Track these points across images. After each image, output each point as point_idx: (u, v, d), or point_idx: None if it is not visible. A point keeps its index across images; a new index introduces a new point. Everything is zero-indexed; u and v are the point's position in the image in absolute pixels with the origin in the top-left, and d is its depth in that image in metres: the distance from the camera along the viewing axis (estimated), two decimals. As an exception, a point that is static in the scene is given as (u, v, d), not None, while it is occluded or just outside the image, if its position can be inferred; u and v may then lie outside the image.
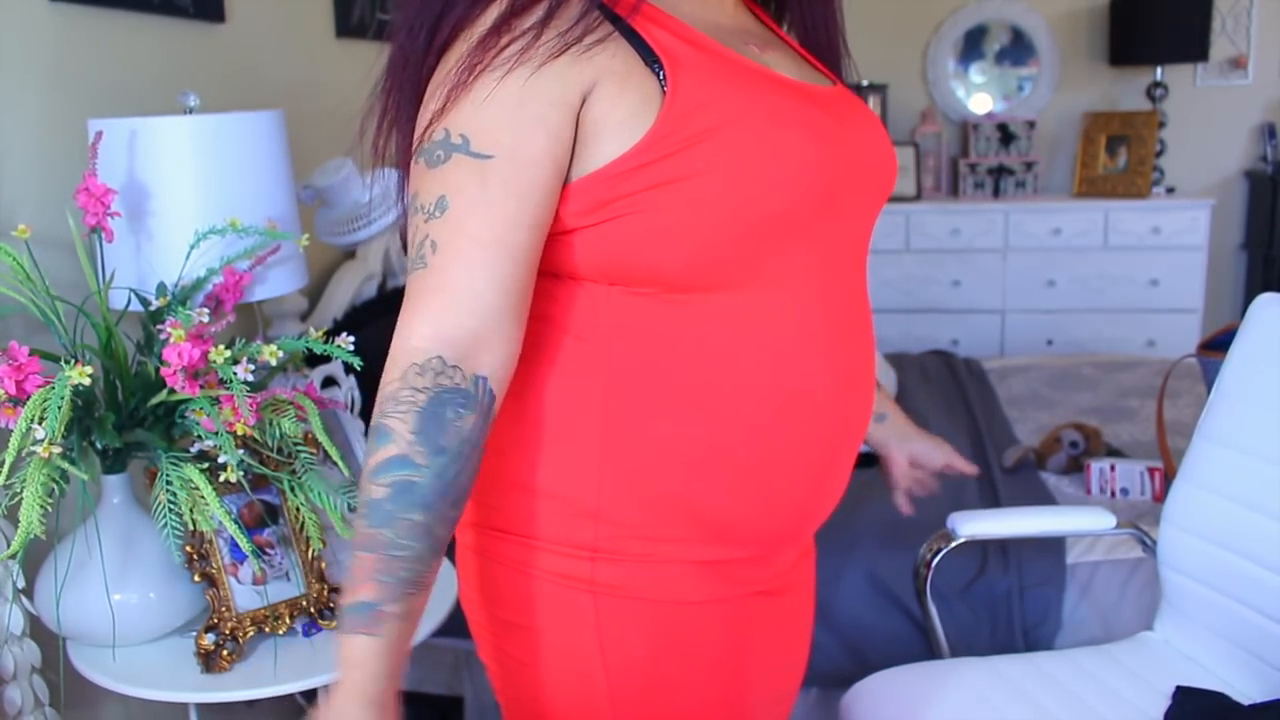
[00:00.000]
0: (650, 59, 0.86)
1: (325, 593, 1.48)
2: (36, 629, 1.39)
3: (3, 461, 1.15)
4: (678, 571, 0.95)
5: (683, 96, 0.85)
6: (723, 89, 0.87)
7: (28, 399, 1.19)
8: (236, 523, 1.30)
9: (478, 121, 0.84)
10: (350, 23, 2.44)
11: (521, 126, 0.84)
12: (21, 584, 1.36)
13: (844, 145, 0.94)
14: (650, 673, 0.96)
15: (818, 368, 0.95)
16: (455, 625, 1.59)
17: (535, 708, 1.00)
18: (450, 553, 1.03)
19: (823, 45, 1.08)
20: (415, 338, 0.83)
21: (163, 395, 1.29)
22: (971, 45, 4.39)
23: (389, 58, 0.93)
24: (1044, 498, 2.19)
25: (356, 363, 1.41)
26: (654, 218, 0.86)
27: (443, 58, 0.88)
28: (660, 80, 0.86)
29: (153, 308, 1.39)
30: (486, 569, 1.00)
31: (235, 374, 1.25)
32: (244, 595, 1.42)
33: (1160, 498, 2.17)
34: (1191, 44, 3.94)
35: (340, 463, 1.40)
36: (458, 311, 0.83)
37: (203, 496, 1.27)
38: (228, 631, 1.39)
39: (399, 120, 0.93)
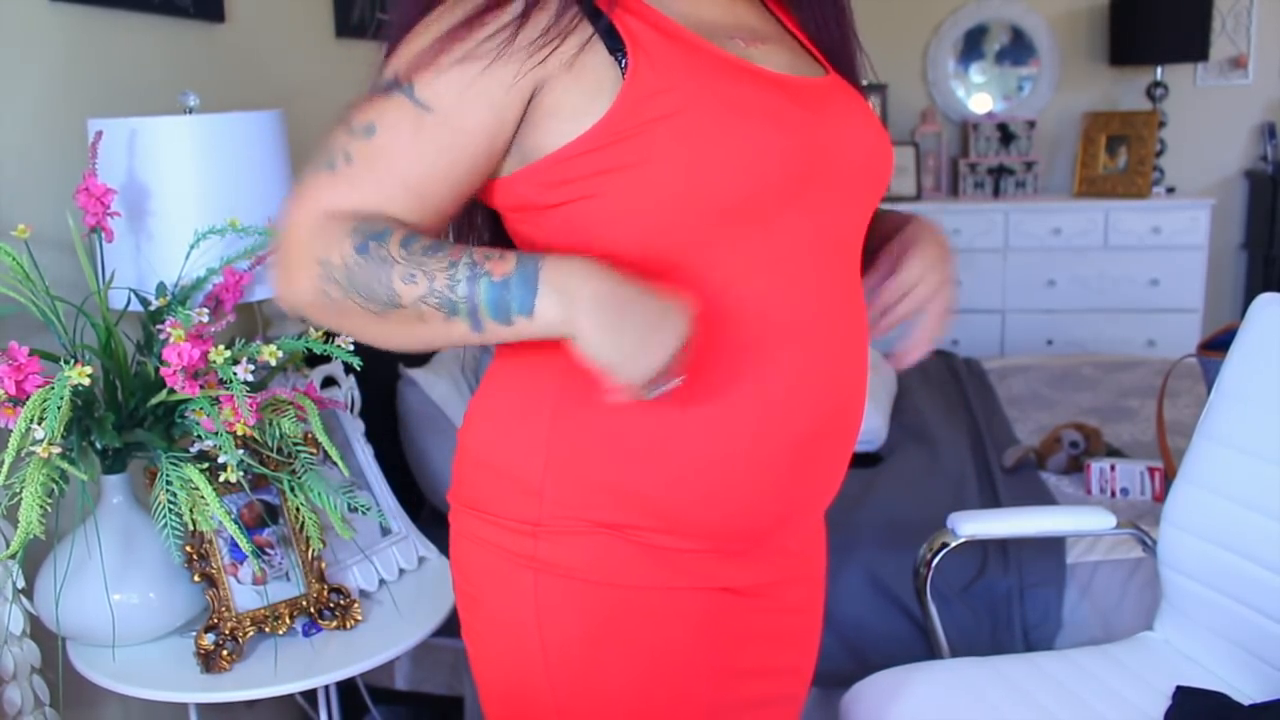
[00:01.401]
0: (615, 46, 0.88)
1: (325, 593, 1.48)
2: (36, 629, 1.39)
3: (2, 461, 1.15)
4: (619, 554, 0.95)
5: (640, 82, 0.87)
6: (683, 77, 0.88)
7: (27, 399, 1.19)
8: (236, 523, 1.30)
9: (428, 77, 0.86)
10: (350, 23, 2.44)
11: (468, 97, 0.86)
12: (21, 584, 1.36)
13: (816, 137, 0.93)
14: (586, 653, 0.97)
15: (777, 361, 0.93)
16: (454, 626, 1.60)
17: (486, 681, 1.04)
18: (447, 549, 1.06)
19: (835, 42, 1.08)
20: (310, 208, 0.87)
21: (162, 395, 1.29)
22: (971, 45, 4.39)
23: (391, 27, 0.95)
24: (1044, 498, 2.19)
25: (356, 363, 1.41)
26: (609, 201, 0.88)
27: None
28: (621, 67, 0.87)
29: (152, 308, 1.39)
30: (457, 543, 1.04)
31: (235, 374, 1.25)
32: (244, 595, 1.42)
33: (1160, 498, 2.17)
34: (1191, 44, 3.94)
35: (340, 463, 1.40)
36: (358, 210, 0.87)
37: (203, 496, 1.27)
38: (227, 631, 1.39)
39: None
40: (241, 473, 1.30)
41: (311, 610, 1.47)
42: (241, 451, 1.29)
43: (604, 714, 0.99)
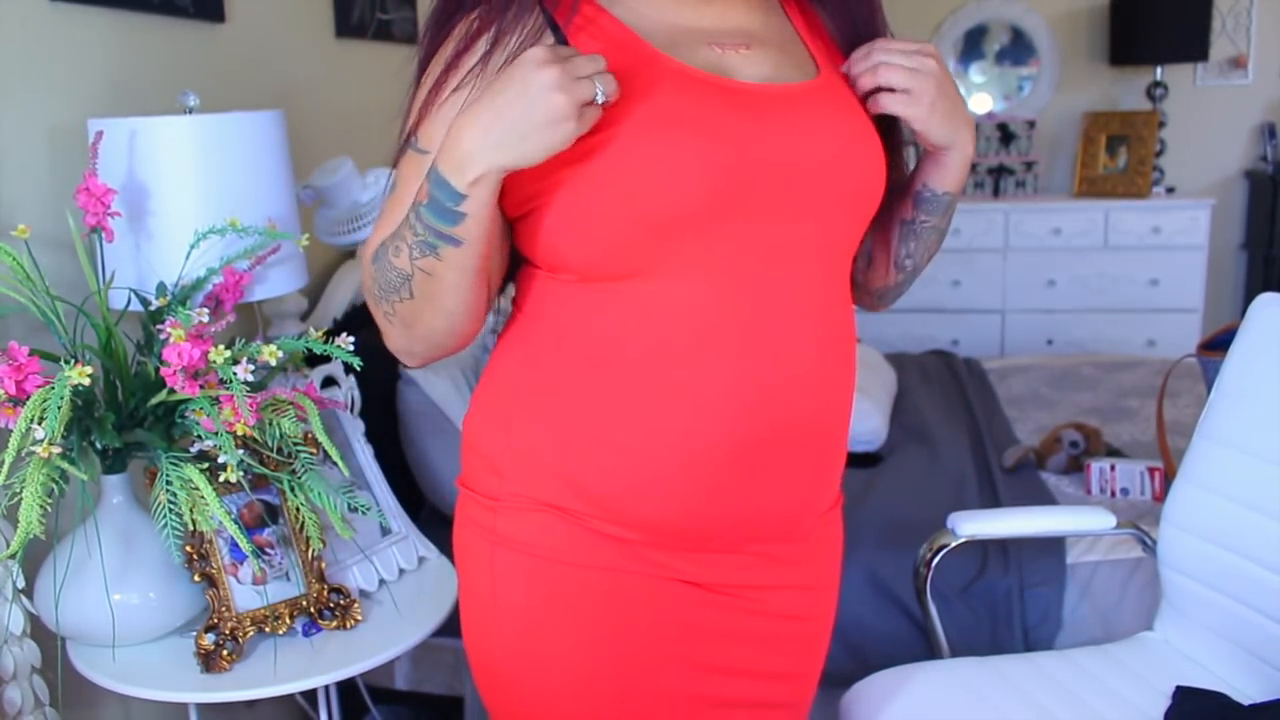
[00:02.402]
0: None
1: (325, 593, 1.48)
2: (36, 629, 1.39)
3: (2, 461, 1.15)
4: (566, 534, 1.00)
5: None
6: (629, 78, 0.91)
7: (27, 399, 1.19)
8: (236, 523, 1.30)
9: (424, 124, 0.98)
10: (350, 23, 2.44)
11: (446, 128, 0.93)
12: (21, 584, 1.36)
13: (756, 149, 0.93)
14: (529, 623, 1.02)
15: (714, 365, 0.95)
16: (455, 625, 1.60)
17: (467, 648, 1.10)
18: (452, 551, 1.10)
19: (864, 40, 1.05)
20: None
21: (163, 395, 1.29)
22: (971, 45, 4.39)
23: (418, 59, 1.03)
24: (1044, 498, 2.19)
25: (356, 363, 1.41)
26: (556, 209, 0.94)
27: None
28: None
29: (153, 308, 1.39)
30: (455, 521, 1.11)
31: (235, 374, 1.25)
32: (244, 595, 1.42)
33: (1160, 498, 2.17)
34: (1191, 44, 3.94)
35: (340, 463, 1.40)
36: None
37: (203, 496, 1.27)
38: (227, 631, 1.39)
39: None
40: (241, 473, 1.30)
41: (311, 610, 1.47)
42: (241, 451, 1.29)
43: (546, 682, 1.03)
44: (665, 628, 1.02)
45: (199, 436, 1.30)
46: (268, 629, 1.43)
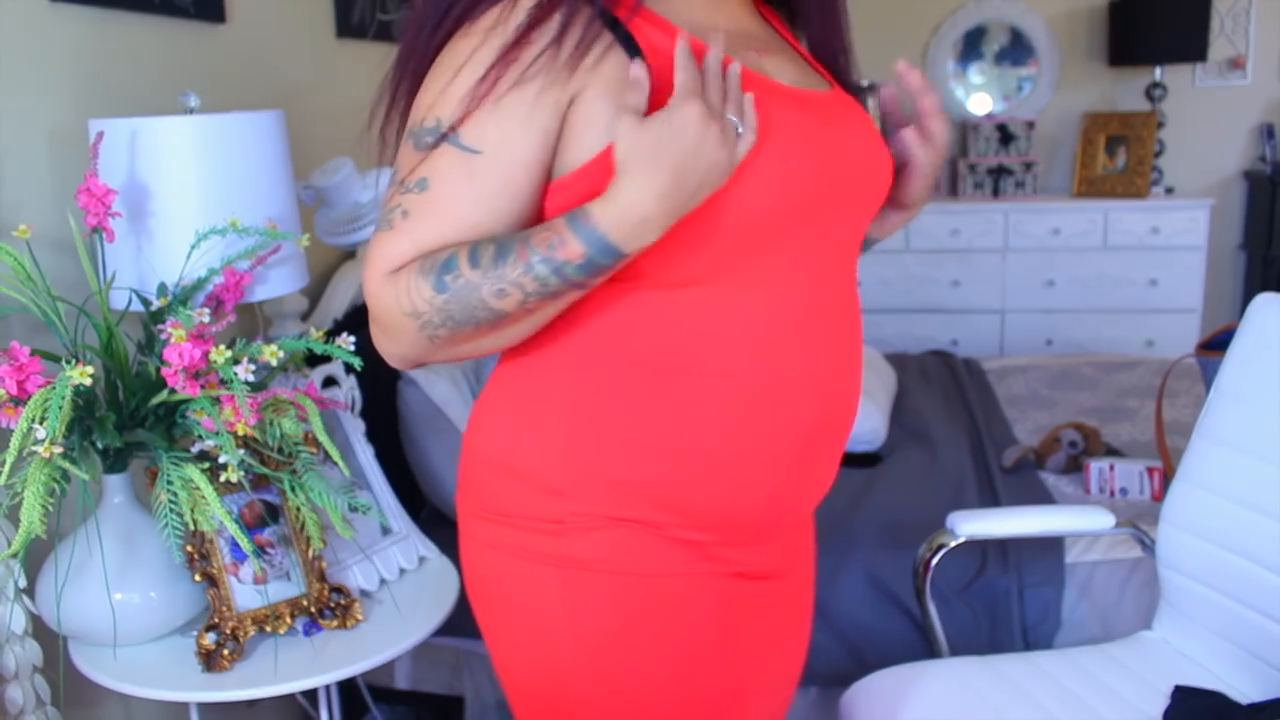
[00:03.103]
0: (634, 55, 0.88)
1: (326, 592, 1.48)
2: (38, 628, 1.39)
3: (4, 461, 1.16)
4: (643, 545, 0.97)
5: (666, 96, 0.86)
6: (708, 93, 0.87)
7: (29, 399, 1.19)
8: (237, 522, 1.30)
9: (472, 120, 0.87)
10: (350, 23, 2.44)
11: (512, 128, 0.87)
12: (23, 583, 1.36)
13: (834, 152, 0.95)
14: (620, 643, 0.98)
15: (794, 363, 0.96)
16: (455, 625, 1.60)
17: (517, 683, 1.04)
18: (453, 551, 1.06)
19: (834, 52, 1.09)
20: (377, 270, 0.90)
21: (163, 395, 1.29)
22: (971, 46, 4.40)
23: (398, 51, 0.97)
24: (1044, 498, 2.19)
25: (357, 363, 1.41)
26: None
27: (443, 50, 0.91)
28: None
29: (153, 308, 1.39)
30: (472, 550, 1.05)
31: (236, 374, 1.25)
32: (244, 595, 1.42)
33: (1159, 497, 2.17)
34: (1191, 44, 3.95)
35: (340, 463, 1.40)
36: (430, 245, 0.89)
37: (203, 496, 1.27)
38: (228, 631, 1.39)
39: (406, 111, 0.97)
40: (242, 472, 1.31)
41: (312, 610, 1.47)
42: (242, 451, 1.30)
43: (639, 701, 1.00)
44: (729, 622, 1.03)
45: (200, 436, 1.30)
46: (268, 628, 1.43)
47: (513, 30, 0.87)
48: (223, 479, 1.31)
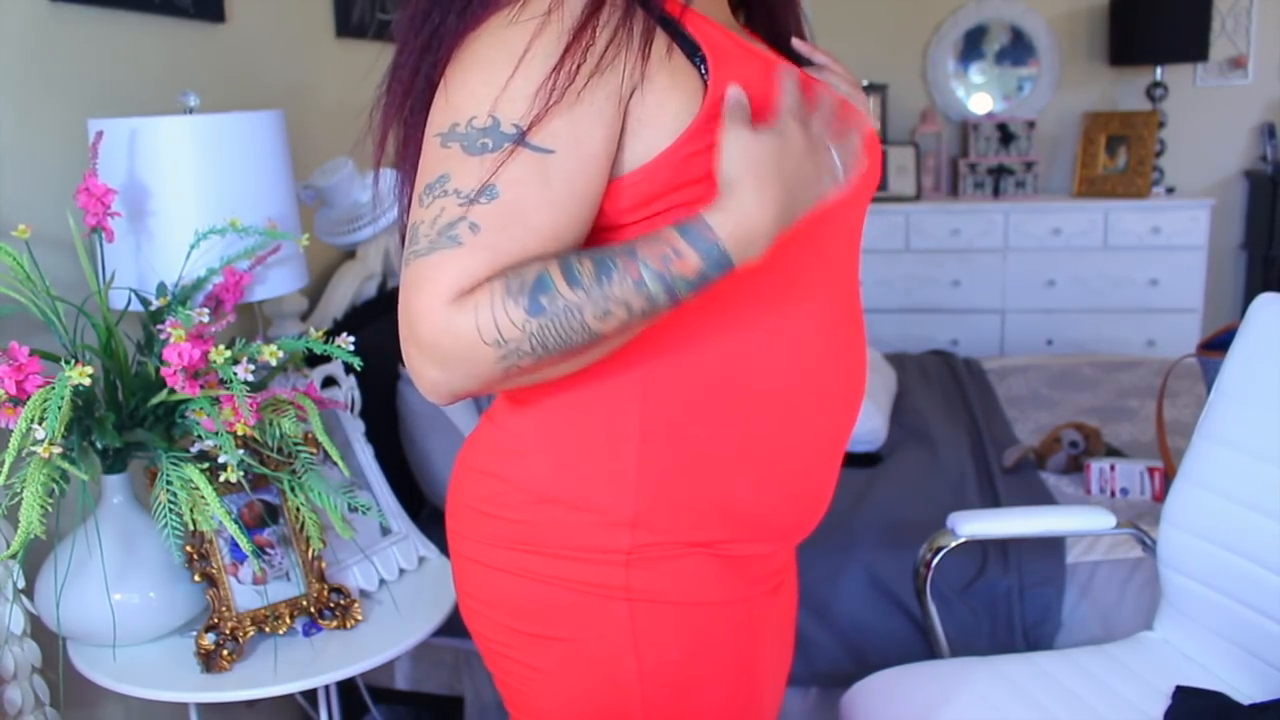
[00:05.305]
0: (693, 52, 0.87)
1: (325, 592, 1.48)
2: (37, 629, 1.39)
3: (3, 461, 1.15)
4: (709, 572, 0.96)
5: (723, 87, 0.85)
6: (759, 85, 0.87)
7: (28, 399, 1.19)
8: (236, 522, 1.30)
9: (543, 120, 0.81)
10: (350, 23, 2.44)
11: (580, 121, 0.82)
12: (22, 584, 1.36)
13: (864, 145, 0.96)
14: (682, 674, 0.97)
15: (832, 367, 0.99)
16: (455, 625, 1.60)
17: (551, 712, 1.00)
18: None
19: (786, 46, 1.09)
20: (443, 293, 0.79)
21: (163, 395, 1.29)
22: (971, 45, 4.39)
23: (395, 53, 0.94)
24: (1044, 498, 2.19)
25: (356, 363, 1.41)
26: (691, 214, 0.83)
27: (469, 38, 0.85)
28: (702, 73, 0.86)
29: (153, 308, 1.39)
30: (503, 584, 0.98)
31: (235, 374, 1.25)
32: (244, 595, 1.42)
33: (1160, 497, 2.17)
34: (1191, 44, 3.94)
35: (340, 463, 1.40)
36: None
37: (203, 496, 1.27)
38: (228, 631, 1.39)
39: (402, 114, 0.93)
40: (242, 473, 1.30)
41: (312, 610, 1.47)
42: (242, 451, 1.30)
43: None
44: (763, 642, 1.04)
45: (199, 436, 1.30)
46: (268, 629, 1.43)
47: (575, 17, 0.82)
48: (222, 479, 1.31)
